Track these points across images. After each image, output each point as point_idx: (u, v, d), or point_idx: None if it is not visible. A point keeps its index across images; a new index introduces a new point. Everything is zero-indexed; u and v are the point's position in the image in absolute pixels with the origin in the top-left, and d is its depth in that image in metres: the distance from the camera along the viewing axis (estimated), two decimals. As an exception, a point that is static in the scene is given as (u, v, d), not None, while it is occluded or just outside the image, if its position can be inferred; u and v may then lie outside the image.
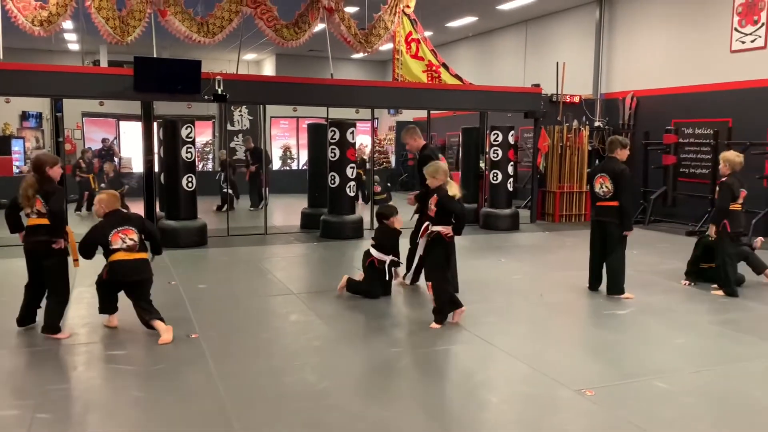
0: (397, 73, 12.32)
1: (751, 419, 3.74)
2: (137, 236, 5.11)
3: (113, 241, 5.01)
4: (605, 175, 6.41)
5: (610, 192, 6.37)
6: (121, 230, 5.05)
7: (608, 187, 6.37)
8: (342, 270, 8.06)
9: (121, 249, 5.03)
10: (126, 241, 5.04)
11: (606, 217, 6.45)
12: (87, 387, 4.19)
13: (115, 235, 5.02)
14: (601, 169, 6.56)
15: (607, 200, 6.41)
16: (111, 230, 5.03)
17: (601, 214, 6.51)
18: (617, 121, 13.55)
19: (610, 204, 6.39)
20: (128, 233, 5.07)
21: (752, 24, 10.94)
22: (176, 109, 14.57)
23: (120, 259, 5.03)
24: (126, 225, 5.09)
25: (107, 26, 9.43)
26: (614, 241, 6.44)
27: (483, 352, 4.88)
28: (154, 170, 9.93)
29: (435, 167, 5.54)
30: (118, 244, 5.02)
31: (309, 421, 3.65)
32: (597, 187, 6.48)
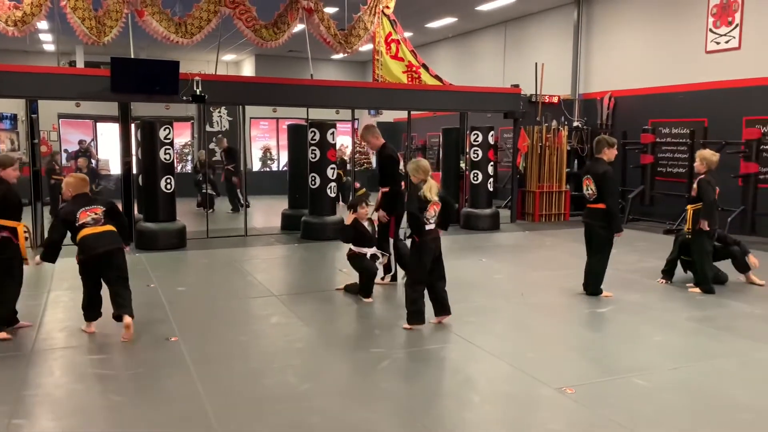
0: (377, 74, 12.32)
1: (729, 415, 3.79)
2: (102, 213, 5.15)
3: (81, 218, 5.04)
4: (589, 177, 6.39)
5: (594, 194, 6.35)
6: (89, 209, 5.12)
7: (593, 190, 6.35)
8: (323, 271, 8.04)
9: (88, 224, 5.04)
10: (93, 217, 5.09)
11: (591, 219, 6.45)
12: (64, 392, 4.12)
13: (83, 213, 5.07)
14: (586, 171, 6.56)
15: (592, 203, 6.40)
16: (79, 209, 5.08)
17: (587, 216, 6.52)
18: (595, 121, 13.68)
19: (596, 206, 6.36)
20: (96, 210, 5.13)
21: (727, 25, 11.11)
22: (154, 110, 14.42)
23: (87, 234, 5.03)
24: (94, 204, 5.18)
25: (83, 26, 9.30)
26: (598, 243, 6.42)
27: (465, 352, 4.89)
28: (132, 172, 9.82)
29: (416, 164, 5.49)
30: (86, 219, 5.05)
31: (290, 422, 3.62)
32: (584, 189, 6.49)
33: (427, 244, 5.33)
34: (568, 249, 9.62)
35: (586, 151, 13.80)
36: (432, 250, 5.37)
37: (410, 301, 5.38)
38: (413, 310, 5.37)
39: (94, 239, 5.04)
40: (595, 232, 6.43)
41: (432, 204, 5.33)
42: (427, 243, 5.34)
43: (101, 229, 5.08)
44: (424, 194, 5.30)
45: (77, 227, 5.04)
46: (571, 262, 8.56)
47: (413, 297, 5.37)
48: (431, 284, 5.46)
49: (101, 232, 5.08)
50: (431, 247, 5.36)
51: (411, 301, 5.37)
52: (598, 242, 6.42)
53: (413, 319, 5.37)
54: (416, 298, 5.36)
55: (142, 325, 5.49)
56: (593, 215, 6.41)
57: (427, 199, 5.29)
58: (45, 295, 6.43)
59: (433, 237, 5.39)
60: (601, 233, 6.38)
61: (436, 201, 5.35)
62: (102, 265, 5.10)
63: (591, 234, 6.49)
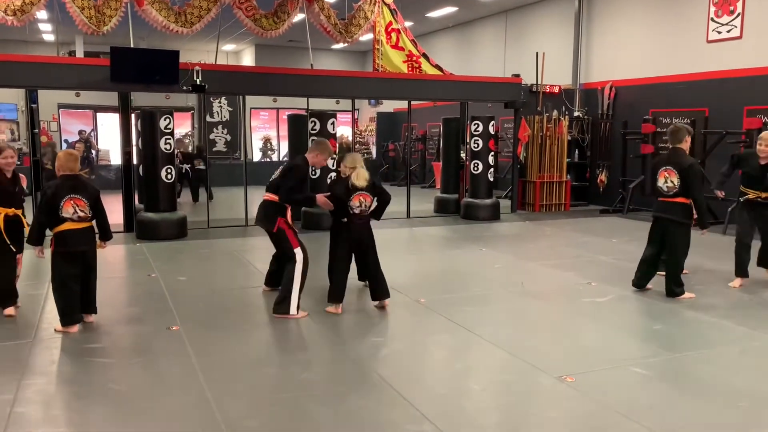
0: (377, 64, 12.28)
1: (728, 402, 3.80)
2: (88, 209, 4.99)
3: (65, 207, 4.88)
4: (671, 168, 5.84)
5: (675, 188, 5.83)
6: (75, 198, 4.91)
7: (674, 182, 5.82)
8: (322, 262, 8.03)
9: (70, 219, 4.92)
10: (77, 211, 4.92)
11: (669, 215, 5.92)
12: (65, 381, 4.15)
13: (67, 202, 4.88)
14: (666, 162, 5.95)
15: (671, 196, 5.88)
16: (65, 195, 4.89)
17: (664, 210, 5.97)
18: (596, 111, 13.65)
19: (675, 201, 5.86)
20: (80, 204, 4.93)
21: (728, 14, 11.06)
22: (154, 100, 14.40)
23: (66, 229, 4.93)
24: (81, 194, 4.94)
25: (82, 16, 9.29)
26: (674, 240, 5.95)
27: (464, 341, 4.91)
28: (132, 162, 9.82)
29: (350, 158, 5.65)
30: (69, 213, 4.90)
31: (291, 410, 3.64)
32: (661, 182, 5.93)
33: (349, 227, 5.50)
34: (568, 239, 9.63)
35: (587, 141, 13.80)
36: (355, 241, 5.55)
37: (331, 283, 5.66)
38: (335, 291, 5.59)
39: (73, 236, 4.95)
40: (671, 228, 5.93)
41: (358, 194, 5.41)
42: (350, 227, 5.49)
43: (81, 226, 4.98)
44: (353, 182, 5.40)
45: (59, 217, 4.90)
46: (571, 252, 8.59)
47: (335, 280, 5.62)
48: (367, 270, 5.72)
49: (81, 228, 4.99)
50: (355, 230, 5.51)
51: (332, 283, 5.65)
52: (674, 240, 5.94)
53: (333, 298, 5.58)
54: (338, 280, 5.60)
55: (144, 315, 5.52)
56: (672, 210, 5.88)
57: (354, 188, 5.40)
58: (47, 285, 6.44)
59: (359, 224, 5.52)
60: (679, 230, 5.91)
61: (362, 192, 5.42)
62: (76, 261, 5.03)
63: (665, 230, 5.97)
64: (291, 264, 5.49)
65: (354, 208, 5.44)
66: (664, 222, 5.99)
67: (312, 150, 5.74)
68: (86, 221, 5.03)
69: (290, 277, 5.44)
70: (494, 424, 3.56)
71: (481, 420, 3.58)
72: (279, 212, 5.51)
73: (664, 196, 5.93)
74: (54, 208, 4.90)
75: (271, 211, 5.53)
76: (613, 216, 12.12)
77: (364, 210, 5.49)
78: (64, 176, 4.99)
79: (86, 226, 5.05)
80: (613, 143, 13.37)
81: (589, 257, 8.09)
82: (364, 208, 5.49)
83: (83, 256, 5.05)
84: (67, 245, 4.96)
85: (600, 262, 7.80)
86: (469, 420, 3.57)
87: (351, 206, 5.42)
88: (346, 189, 5.43)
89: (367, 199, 5.47)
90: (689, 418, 3.62)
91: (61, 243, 4.96)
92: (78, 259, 5.02)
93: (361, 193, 5.42)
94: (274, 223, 5.48)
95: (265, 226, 5.57)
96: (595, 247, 8.83)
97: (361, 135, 21.83)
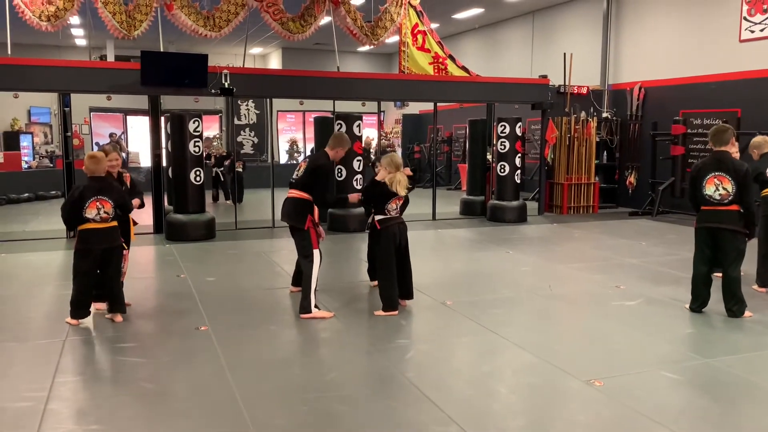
0: (403, 66, 12.30)
1: (759, 409, 3.73)
2: (112, 210, 5.16)
3: (89, 209, 5.06)
4: (723, 175, 5.31)
5: (729, 195, 5.30)
6: (101, 199, 5.08)
7: (727, 190, 5.30)
8: (349, 263, 8.08)
9: (93, 220, 5.09)
10: (101, 212, 5.09)
11: (726, 225, 5.35)
12: (97, 379, 4.23)
13: (92, 203, 5.06)
14: (716, 168, 5.37)
15: (724, 205, 5.34)
16: (90, 197, 5.06)
17: (718, 220, 5.37)
18: (625, 112, 13.49)
19: (730, 209, 5.34)
20: (106, 205, 5.10)
21: (761, 13, 10.85)
22: (183, 103, 14.60)
23: (90, 228, 5.11)
24: (107, 195, 5.12)
25: (114, 21, 9.46)
26: (734, 251, 5.40)
27: (491, 343, 4.89)
28: (162, 164, 9.97)
29: (390, 158, 5.69)
30: (92, 214, 5.07)
31: (318, 411, 3.67)
32: (710, 190, 5.37)
33: (389, 230, 5.56)
34: (596, 242, 9.53)
35: (615, 142, 13.63)
36: (395, 235, 5.58)
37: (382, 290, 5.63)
38: (386, 297, 5.58)
39: (95, 235, 5.12)
40: (731, 238, 5.37)
41: (395, 198, 5.54)
42: (389, 229, 5.56)
43: (104, 226, 5.14)
44: (392, 189, 5.49)
45: (83, 217, 5.08)
46: (599, 254, 8.49)
47: (385, 285, 5.61)
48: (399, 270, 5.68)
49: (104, 228, 5.14)
50: (394, 232, 5.58)
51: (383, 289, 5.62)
52: (734, 250, 5.40)
53: (388, 308, 5.56)
54: (388, 286, 5.59)
55: (173, 315, 5.60)
56: (728, 219, 5.34)
57: (393, 193, 5.49)
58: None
59: (396, 223, 5.61)
60: (738, 240, 5.40)
61: (401, 196, 5.55)
62: (100, 260, 5.18)
63: (723, 242, 5.40)
64: (308, 264, 5.56)
65: (391, 211, 5.60)
66: (719, 233, 5.40)
67: (331, 145, 5.79)
68: (108, 222, 5.17)
69: (308, 277, 5.51)
70: (521, 427, 3.54)
71: (507, 423, 3.57)
72: (309, 210, 5.60)
73: (715, 204, 5.38)
74: (78, 208, 5.07)
75: (300, 208, 5.60)
76: (643, 218, 11.95)
77: (398, 211, 5.67)
78: (91, 178, 5.17)
79: (109, 226, 5.18)
80: (642, 145, 13.20)
81: (618, 260, 7.99)
82: (398, 210, 5.68)
83: (104, 254, 5.18)
84: (88, 243, 5.12)
85: (629, 265, 7.71)
86: (495, 422, 3.55)
87: (388, 209, 5.57)
88: (385, 193, 5.53)
89: (401, 200, 5.65)
90: (720, 424, 3.56)
91: (83, 240, 5.13)
92: (98, 256, 5.16)
93: (397, 197, 5.57)
94: (305, 221, 5.55)
95: (295, 223, 5.63)
96: (624, 250, 8.72)
97: (387, 137, 21.86)
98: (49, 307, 5.80)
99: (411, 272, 5.80)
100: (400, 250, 5.69)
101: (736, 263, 5.44)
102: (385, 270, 5.61)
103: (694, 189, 5.55)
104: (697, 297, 5.65)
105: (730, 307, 5.49)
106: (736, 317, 5.45)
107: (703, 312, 5.62)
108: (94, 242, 5.12)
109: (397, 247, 5.63)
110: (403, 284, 5.73)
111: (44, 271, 7.31)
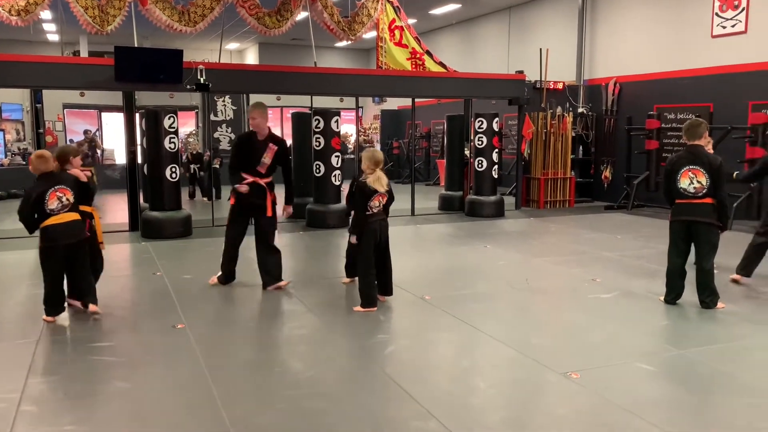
0: (381, 61, 12.28)
1: (734, 399, 3.80)
2: (72, 196, 5.15)
3: (50, 200, 5.03)
4: (698, 168, 5.42)
5: (703, 188, 5.42)
6: (59, 188, 5.09)
7: (702, 183, 5.41)
8: (328, 259, 8.06)
9: (54, 213, 5.05)
10: (63, 200, 5.08)
11: (701, 217, 5.44)
12: (71, 379, 4.15)
13: (52, 194, 5.05)
14: (690, 161, 5.48)
15: (699, 198, 5.45)
16: (49, 188, 5.06)
17: (692, 213, 5.47)
18: (600, 108, 13.62)
19: (704, 201, 5.44)
20: (65, 192, 5.11)
21: (733, 9, 11.02)
22: (159, 99, 14.42)
23: (53, 224, 5.06)
24: (63, 184, 5.13)
25: (86, 15, 9.30)
26: (709, 243, 5.50)
27: (469, 337, 4.91)
28: (137, 161, 9.85)
29: (371, 154, 5.68)
30: (54, 204, 5.05)
31: (297, 409, 3.65)
32: (685, 183, 5.47)
33: (370, 227, 5.55)
34: (573, 235, 9.62)
35: (591, 137, 13.76)
36: (375, 232, 5.57)
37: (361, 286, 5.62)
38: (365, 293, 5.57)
39: (58, 230, 5.07)
40: (705, 231, 5.46)
41: (378, 195, 5.52)
42: (371, 226, 5.55)
43: (67, 218, 5.10)
44: (371, 185, 5.47)
45: (45, 212, 5.04)
46: (575, 248, 8.57)
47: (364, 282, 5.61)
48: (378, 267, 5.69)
49: (67, 222, 5.10)
50: (374, 228, 5.57)
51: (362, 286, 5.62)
52: (709, 243, 5.49)
53: (367, 304, 5.55)
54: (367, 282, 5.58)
55: (149, 313, 5.54)
56: (703, 212, 5.44)
57: (372, 191, 5.47)
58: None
59: (378, 220, 5.60)
60: (712, 232, 5.49)
61: (382, 192, 5.54)
62: (66, 255, 5.14)
63: (697, 234, 5.50)
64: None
65: (373, 208, 5.58)
66: (693, 226, 5.49)
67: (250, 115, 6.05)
68: (69, 211, 5.13)
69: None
70: (500, 420, 3.56)
71: (487, 417, 3.59)
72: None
73: (689, 197, 5.48)
74: (39, 204, 5.02)
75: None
76: (618, 212, 12.09)
77: (381, 209, 5.66)
78: (41, 176, 5.14)
79: (72, 219, 5.14)
80: (617, 139, 13.35)
81: (594, 254, 8.08)
82: (381, 208, 5.66)
83: (69, 250, 5.14)
84: (52, 240, 5.07)
85: (605, 258, 7.79)
86: (475, 417, 3.57)
87: (371, 206, 5.56)
88: (367, 193, 5.51)
89: (384, 198, 5.64)
90: (695, 414, 3.62)
91: (47, 238, 5.08)
92: (63, 252, 5.12)
93: (379, 194, 5.55)
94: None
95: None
96: (600, 243, 8.81)
97: (366, 133, 21.83)
98: (23, 307, 5.70)
99: (391, 269, 5.80)
100: (380, 247, 5.68)
101: (709, 256, 5.52)
102: (364, 266, 5.60)
103: (668, 182, 5.64)
104: (672, 289, 5.72)
105: (704, 298, 5.58)
106: (710, 308, 5.54)
107: (677, 304, 5.70)
108: (58, 238, 5.08)
109: (377, 243, 5.63)
110: (383, 280, 5.74)
111: (17, 271, 7.19)
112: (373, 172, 5.54)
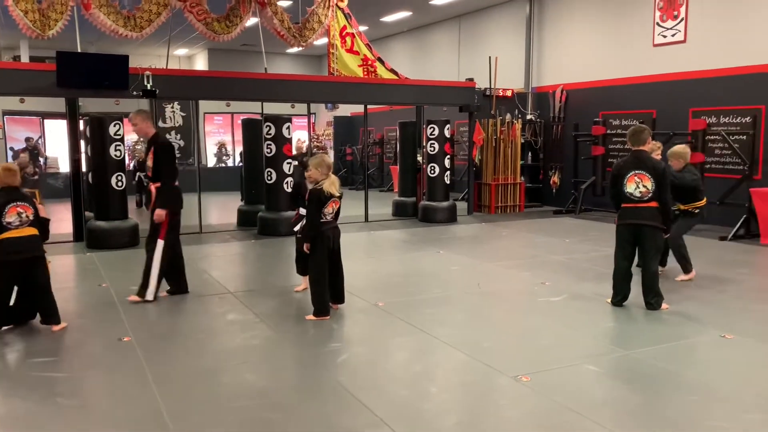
0: (332, 68, 12.26)
1: (680, 397, 3.90)
2: (33, 214, 5.08)
3: (9, 214, 4.93)
4: (643, 173, 5.54)
5: (649, 192, 5.53)
6: (20, 205, 5.01)
7: (647, 187, 5.53)
8: (280, 267, 7.98)
9: (13, 227, 4.94)
10: (22, 216, 4.99)
11: (647, 221, 5.57)
12: (11, 396, 3.98)
13: (12, 209, 4.96)
14: (635, 166, 5.59)
15: (645, 202, 5.56)
16: (9, 203, 4.96)
17: (639, 216, 5.59)
18: (548, 114, 13.91)
19: (649, 205, 5.56)
20: (26, 209, 5.04)
21: (672, 19, 11.41)
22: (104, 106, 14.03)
23: (11, 237, 4.94)
24: (25, 201, 5.06)
25: (26, 19, 9.00)
26: (654, 246, 5.64)
27: (422, 343, 4.92)
28: (81, 170, 9.56)
29: (320, 159, 5.57)
30: (13, 218, 4.95)
31: (248, 420, 3.59)
32: (631, 187, 5.58)
33: (323, 234, 5.46)
34: (523, 240, 9.78)
35: (539, 143, 14.03)
36: (329, 239, 5.50)
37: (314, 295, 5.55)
38: (318, 302, 5.51)
39: (16, 243, 4.95)
40: (651, 234, 5.59)
41: (332, 201, 5.45)
42: (324, 233, 5.46)
43: (25, 233, 4.99)
44: (327, 191, 5.39)
45: (2, 225, 4.92)
46: (526, 252, 8.71)
47: (316, 290, 5.52)
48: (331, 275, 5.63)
49: (25, 236, 4.99)
50: (328, 236, 5.49)
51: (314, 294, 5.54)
52: (653, 245, 5.64)
53: (320, 313, 5.49)
54: (319, 291, 5.51)
55: (94, 326, 5.38)
56: (650, 215, 5.56)
57: (328, 196, 5.39)
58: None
59: (330, 227, 5.53)
60: (657, 235, 5.63)
61: (336, 198, 5.47)
62: (22, 271, 5.01)
63: (643, 237, 5.61)
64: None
65: (327, 215, 5.48)
66: (639, 229, 5.61)
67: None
68: (29, 226, 5.02)
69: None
70: (452, 425, 3.57)
71: (439, 422, 3.59)
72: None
73: (635, 201, 5.60)
74: None
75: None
76: (566, 216, 12.35)
77: (333, 216, 5.58)
78: (4, 189, 5.02)
79: (30, 234, 5.02)
80: (564, 145, 13.64)
81: (544, 257, 8.22)
82: (334, 215, 5.58)
83: (25, 265, 4.99)
84: (7, 253, 4.92)
85: (554, 262, 7.94)
86: (427, 422, 3.57)
87: (324, 213, 5.45)
88: (323, 199, 5.40)
89: (337, 204, 5.55)
90: (642, 413, 3.70)
91: (1, 251, 4.92)
92: (17, 268, 4.97)
93: (334, 199, 5.47)
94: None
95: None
96: (549, 247, 8.97)
97: (319, 139, 21.74)
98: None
99: (343, 276, 5.76)
100: (333, 255, 5.64)
101: (654, 258, 5.70)
102: (316, 274, 5.54)
103: (615, 187, 5.75)
104: (618, 291, 5.85)
105: (649, 300, 5.73)
106: (655, 310, 5.69)
107: (624, 306, 5.84)
108: (13, 252, 4.92)
109: (330, 251, 5.58)
110: (335, 288, 5.69)
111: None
112: (327, 177, 5.46)
